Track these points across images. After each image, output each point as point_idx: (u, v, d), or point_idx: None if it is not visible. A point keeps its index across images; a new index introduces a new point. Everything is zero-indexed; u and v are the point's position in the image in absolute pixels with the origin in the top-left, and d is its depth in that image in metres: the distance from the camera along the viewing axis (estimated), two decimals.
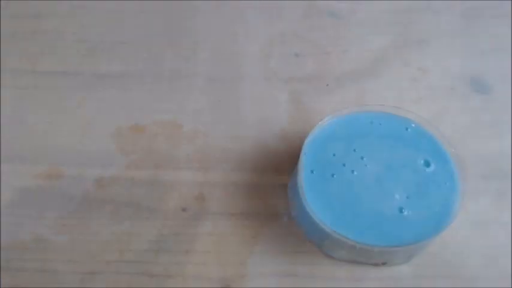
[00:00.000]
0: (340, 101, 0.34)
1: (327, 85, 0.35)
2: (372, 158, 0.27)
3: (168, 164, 0.31)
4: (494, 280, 0.27)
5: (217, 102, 0.34)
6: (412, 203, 0.26)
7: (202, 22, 0.38)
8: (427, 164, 0.27)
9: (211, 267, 0.27)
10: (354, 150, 0.28)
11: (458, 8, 0.39)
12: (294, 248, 0.28)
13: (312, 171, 0.27)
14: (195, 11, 0.38)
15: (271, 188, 0.30)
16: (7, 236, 0.28)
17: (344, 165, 0.27)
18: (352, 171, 0.27)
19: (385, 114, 0.29)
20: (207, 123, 0.33)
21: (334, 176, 0.27)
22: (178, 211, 0.29)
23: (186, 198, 0.30)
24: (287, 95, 0.34)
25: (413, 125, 0.29)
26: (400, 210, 0.26)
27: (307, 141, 0.28)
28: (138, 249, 0.28)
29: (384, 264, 0.27)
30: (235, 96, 0.34)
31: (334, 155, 0.28)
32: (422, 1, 0.39)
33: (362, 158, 0.27)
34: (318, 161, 0.27)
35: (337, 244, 0.25)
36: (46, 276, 0.27)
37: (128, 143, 0.32)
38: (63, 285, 0.27)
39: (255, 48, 0.36)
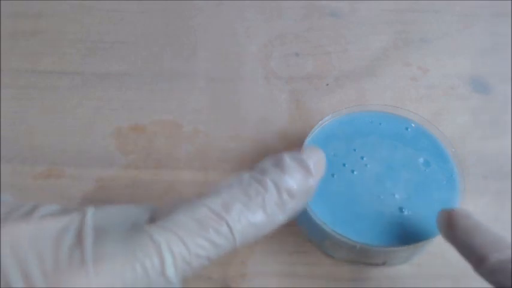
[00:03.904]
0: (340, 100, 0.34)
1: (327, 85, 0.35)
2: (372, 158, 0.27)
3: (168, 164, 0.31)
4: None
5: (217, 102, 0.34)
6: (412, 203, 0.26)
7: (202, 22, 0.38)
8: (427, 163, 0.27)
9: (211, 267, 0.27)
10: (354, 150, 0.28)
11: (458, 8, 0.39)
12: (294, 248, 0.28)
13: None
14: (195, 11, 0.38)
15: None
16: None
17: (344, 165, 0.27)
18: (352, 171, 0.27)
19: (385, 114, 0.29)
20: (207, 123, 0.33)
21: (334, 175, 0.27)
22: None
23: None
24: (287, 94, 0.34)
25: (413, 124, 0.29)
26: (400, 210, 0.26)
27: (307, 141, 0.28)
28: None
29: (384, 264, 0.27)
30: (235, 96, 0.34)
31: (334, 154, 0.28)
32: (422, 1, 0.39)
33: (362, 157, 0.27)
34: None
35: (337, 244, 0.25)
36: None
37: (128, 143, 0.32)
38: None
39: (255, 48, 0.36)
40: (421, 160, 0.27)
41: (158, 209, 0.18)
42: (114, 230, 0.17)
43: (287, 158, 0.19)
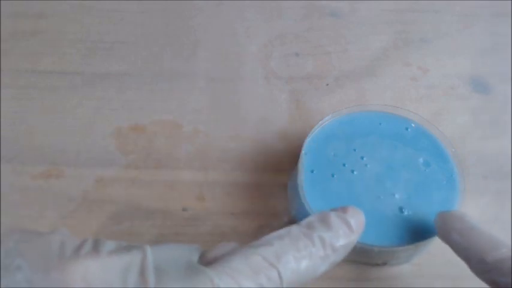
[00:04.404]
0: (340, 100, 0.34)
1: (327, 85, 0.35)
2: (372, 158, 0.27)
3: (168, 164, 0.31)
4: None
5: (217, 102, 0.34)
6: (412, 203, 0.26)
7: (202, 22, 0.38)
8: (427, 163, 0.27)
9: None
10: (354, 150, 0.28)
11: (458, 8, 0.39)
12: None
13: (312, 171, 0.27)
14: (195, 11, 0.38)
15: (271, 188, 0.30)
16: None
17: (344, 165, 0.27)
18: (352, 171, 0.27)
19: (385, 114, 0.29)
20: (207, 123, 0.33)
21: (334, 175, 0.27)
22: (178, 211, 0.29)
23: (186, 198, 0.30)
24: (287, 94, 0.34)
25: (413, 124, 0.29)
26: (400, 210, 0.26)
27: (307, 141, 0.28)
28: None
29: (384, 264, 0.27)
30: (235, 96, 0.34)
31: (334, 154, 0.28)
32: (422, 1, 0.39)
33: (362, 157, 0.27)
34: (318, 160, 0.27)
35: None
36: None
37: (128, 143, 0.32)
38: None
39: (255, 48, 0.36)
40: (421, 160, 0.27)
41: (206, 251, 0.20)
42: (172, 269, 0.18)
43: (333, 216, 0.21)
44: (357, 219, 0.21)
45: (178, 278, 0.18)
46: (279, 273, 0.19)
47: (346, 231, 0.21)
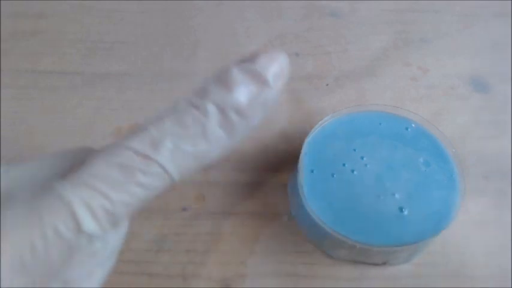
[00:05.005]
0: (340, 100, 0.34)
1: (327, 85, 0.35)
2: (372, 158, 0.27)
3: None
4: (494, 280, 0.27)
5: None
6: (412, 203, 0.26)
7: (202, 22, 0.38)
8: (427, 163, 0.27)
9: (211, 267, 0.27)
10: (354, 150, 0.28)
11: (458, 8, 0.39)
12: (294, 248, 0.28)
13: (312, 171, 0.27)
14: (195, 11, 0.38)
15: (271, 187, 0.30)
16: None
17: (344, 165, 0.27)
18: (352, 171, 0.27)
19: (385, 114, 0.29)
20: None
21: (334, 175, 0.27)
22: (178, 211, 0.29)
23: (186, 198, 0.30)
24: (287, 94, 0.34)
25: (413, 124, 0.29)
26: (400, 209, 0.26)
27: (307, 141, 0.28)
28: (138, 249, 0.28)
29: (384, 264, 0.27)
30: None
31: (334, 154, 0.28)
32: (422, 1, 0.39)
33: (362, 157, 0.27)
34: (318, 160, 0.27)
35: (337, 244, 0.25)
36: None
37: None
38: None
39: (255, 48, 0.36)
40: (421, 160, 0.27)
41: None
42: (22, 192, 0.15)
43: (235, 71, 0.16)
44: (275, 69, 0.16)
45: (22, 203, 0.14)
46: (160, 165, 0.15)
47: (258, 86, 0.16)
